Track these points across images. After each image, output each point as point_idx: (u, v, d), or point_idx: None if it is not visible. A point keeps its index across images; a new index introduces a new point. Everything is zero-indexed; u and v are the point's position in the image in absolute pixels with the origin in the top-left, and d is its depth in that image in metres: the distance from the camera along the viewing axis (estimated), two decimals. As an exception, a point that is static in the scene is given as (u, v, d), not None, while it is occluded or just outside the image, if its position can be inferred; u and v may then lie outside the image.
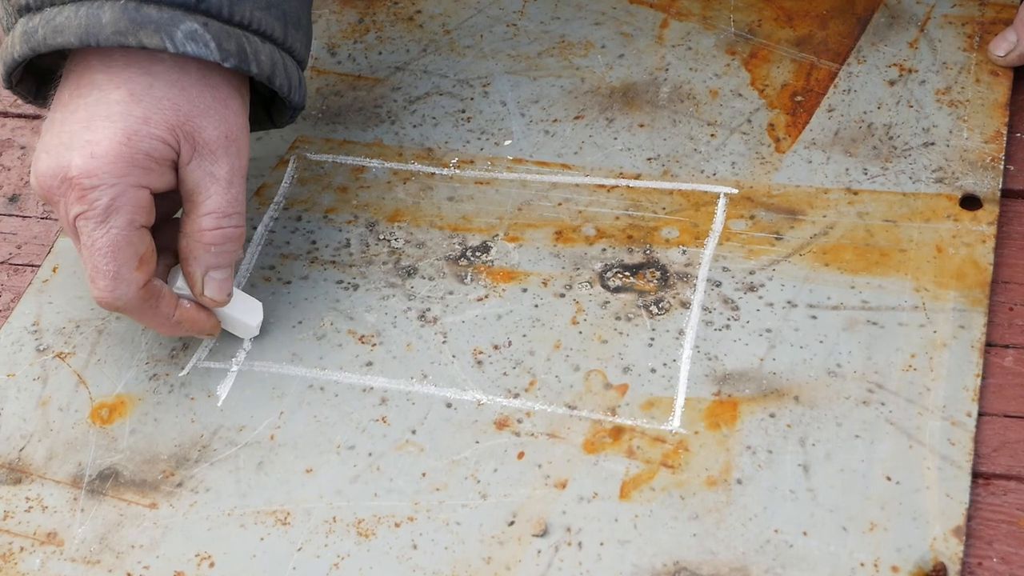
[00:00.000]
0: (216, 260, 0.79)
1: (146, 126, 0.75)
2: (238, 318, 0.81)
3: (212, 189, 0.77)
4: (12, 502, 0.77)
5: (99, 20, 0.74)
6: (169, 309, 0.79)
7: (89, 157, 0.75)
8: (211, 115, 0.77)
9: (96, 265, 0.76)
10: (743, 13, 0.95)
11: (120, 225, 0.75)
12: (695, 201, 0.85)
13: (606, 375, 0.78)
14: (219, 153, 0.77)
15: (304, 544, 0.73)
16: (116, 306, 0.77)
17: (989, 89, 0.88)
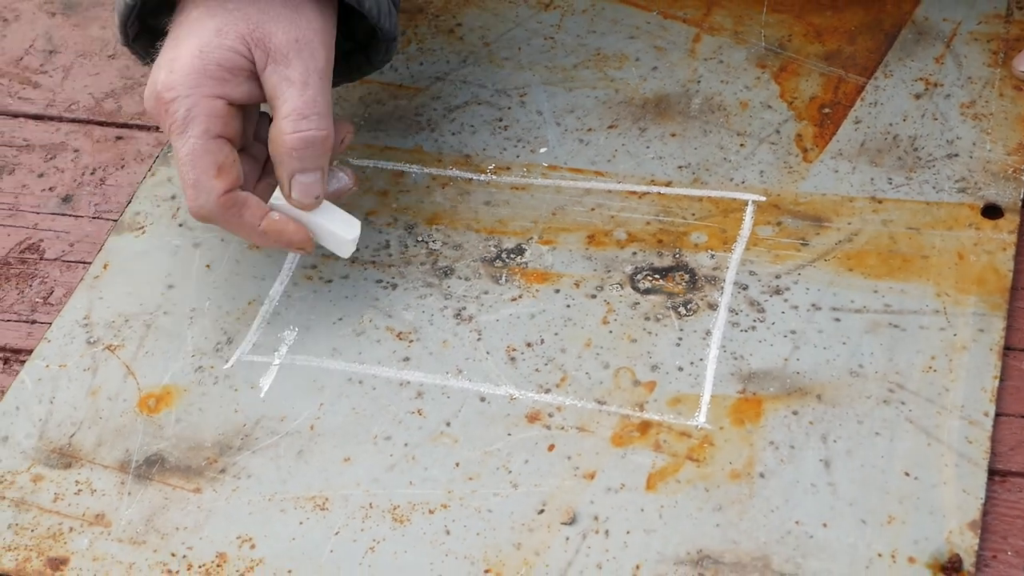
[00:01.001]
0: (300, 164, 0.81)
1: (218, 37, 0.79)
2: (333, 231, 0.83)
3: (288, 92, 0.80)
4: (63, 485, 0.80)
5: None
6: (255, 219, 0.81)
7: (169, 72, 0.79)
8: (281, 20, 0.79)
9: (182, 175, 0.80)
10: (774, 28, 0.98)
11: (196, 134, 0.79)
12: (724, 208, 0.88)
13: (635, 372, 0.81)
14: (291, 56, 0.79)
15: (341, 528, 0.76)
16: (200, 214, 0.80)
17: (1012, 103, 0.91)
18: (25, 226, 0.94)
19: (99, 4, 1.09)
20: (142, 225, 0.92)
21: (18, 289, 0.91)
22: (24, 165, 0.98)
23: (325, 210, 0.83)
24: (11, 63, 1.05)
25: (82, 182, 0.96)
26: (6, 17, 1.09)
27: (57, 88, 1.03)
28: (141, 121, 1.00)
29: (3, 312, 0.89)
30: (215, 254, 0.90)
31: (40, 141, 0.99)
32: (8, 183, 0.97)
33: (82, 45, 1.06)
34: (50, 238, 0.93)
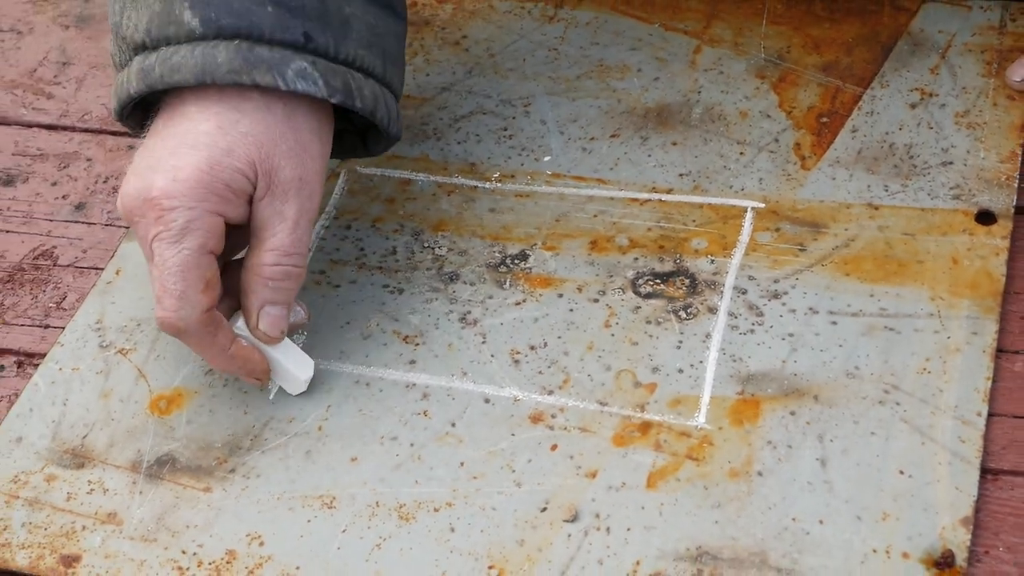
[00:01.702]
0: (273, 296, 0.81)
1: (228, 158, 0.79)
2: (289, 368, 0.83)
3: (279, 227, 0.80)
4: (75, 484, 0.82)
5: (215, 59, 0.78)
6: (226, 341, 0.81)
7: (171, 180, 0.78)
8: (290, 157, 0.80)
9: (164, 284, 0.79)
10: (773, 40, 1.00)
11: (192, 247, 0.78)
12: (723, 214, 0.90)
13: (636, 374, 0.83)
14: (291, 194, 0.80)
15: (348, 526, 0.78)
16: (178, 327, 0.79)
17: (1006, 112, 0.92)
18: (39, 233, 0.96)
19: (111, 17, 1.11)
20: (154, 232, 0.94)
21: (32, 294, 0.92)
22: (38, 174, 1.00)
23: (283, 346, 0.83)
24: (25, 74, 1.07)
25: (95, 190, 0.98)
26: (20, 30, 1.11)
27: (70, 99, 1.05)
28: (152, 131, 1.02)
29: (17, 317, 0.91)
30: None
31: (54, 150, 1.01)
32: (23, 191, 0.99)
33: (95, 57, 1.08)
34: (63, 245, 0.95)
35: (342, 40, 0.81)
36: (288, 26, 0.80)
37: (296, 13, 0.80)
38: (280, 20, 0.80)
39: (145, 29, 0.81)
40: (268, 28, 0.79)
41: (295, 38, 0.80)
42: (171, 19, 0.80)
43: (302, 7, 0.80)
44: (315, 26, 0.80)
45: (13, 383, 0.88)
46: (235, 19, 0.79)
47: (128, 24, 0.81)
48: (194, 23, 0.79)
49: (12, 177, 1.00)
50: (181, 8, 0.80)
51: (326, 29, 0.81)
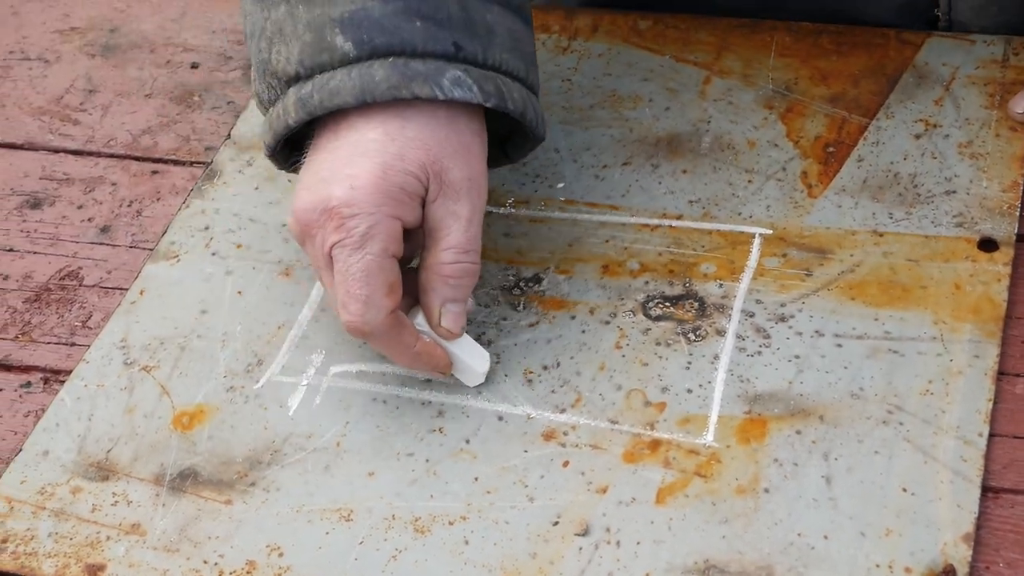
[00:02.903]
0: (453, 293, 0.84)
1: (400, 162, 0.81)
2: (467, 361, 0.85)
3: (454, 226, 0.83)
4: (100, 496, 0.84)
5: (372, 79, 0.81)
6: (411, 339, 0.83)
7: (349, 188, 0.80)
8: (456, 157, 0.83)
9: (349, 290, 0.81)
10: (781, 72, 1.02)
11: (375, 252, 0.80)
12: (732, 240, 0.92)
13: (646, 394, 0.85)
14: (462, 193, 0.83)
15: (365, 538, 0.80)
16: (364, 331, 0.82)
17: (1008, 143, 0.95)
18: (65, 255, 0.99)
19: (136, 47, 1.14)
20: (177, 254, 0.97)
21: (58, 313, 0.95)
22: (64, 197, 1.03)
23: (460, 340, 0.86)
24: (53, 102, 1.10)
25: (119, 213, 1.01)
26: (48, 59, 1.14)
27: (96, 125, 1.08)
28: (176, 157, 1.05)
29: (44, 335, 0.94)
30: (246, 281, 0.94)
31: (80, 175, 1.04)
32: (49, 214, 1.01)
33: (120, 85, 1.11)
34: (89, 266, 0.98)
35: (488, 47, 0.84)
36: (438, 38, 0.82)
37: (444, 25, 0.82)
38: (429, 33, 0.82)
39: (298, 60, 0.83)
40: (420, 42, 0.82)
41: (446, 49, 0.82)
42: (323, 47, 0.82)
43: (448, 18, 0.83)
44: (463, 35, 0.83)
45: (40, 399, 0.90)
46: (387, 37, 0.82)
47: (278, 59, 0.84)
48: (347, 47, 0.82)
49: (40, 200, 1.03)
50: (332, 35, 0.82)
51: (473, 37, 0.83)
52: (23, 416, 0.89)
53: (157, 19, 1.16)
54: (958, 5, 1.02)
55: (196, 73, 1.11)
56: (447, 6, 0.83)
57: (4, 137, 1.08)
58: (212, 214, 0.99)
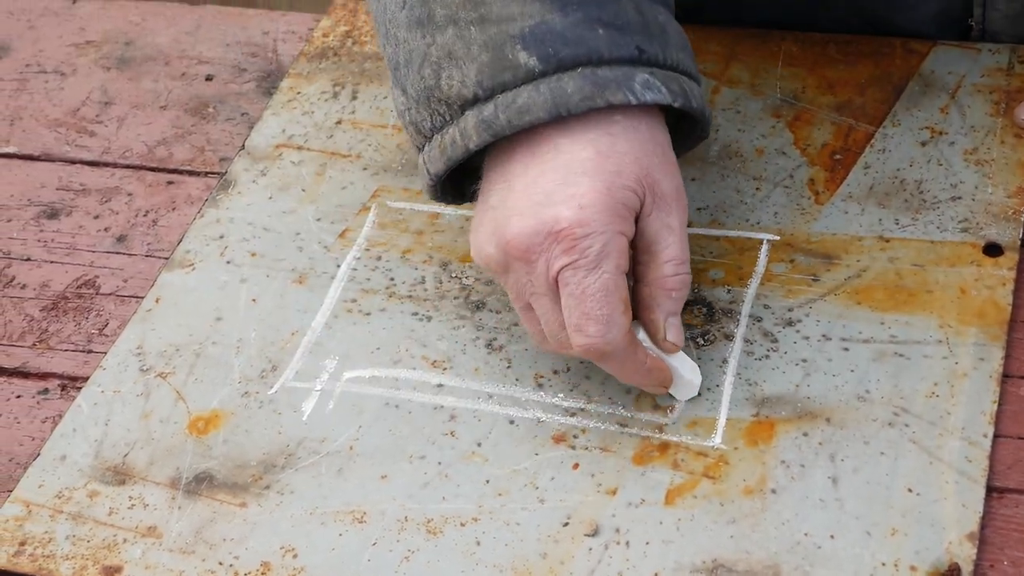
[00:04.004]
0: (675, 306, 0.83)
1: (620, 178, 0.80)
2: (684, 375, 0.85)
3: (669, 239, 0.82)
4: (117, 500, 0.85)
5: (564, 92, 0.80)
6: (644, 356, 0.83)
7: (578, 208, 0.79)
8: (665, 169, 0.82)
9: (587, 311, 0.80)
10: (788, 81, 1.04)
11: (611, 270, 0.79)
12: (740, 246, 0.93)
13: (655, 397, 0.86)
14: (673, 205, 0.82)
15: (378, 540, 0.81)
16: (605, 351, 0.81)
17: (1013, 150, 0.96)
18: (82, 264, 1.00)
19: (151, 59, 1.15)
20: (192, 262, 0.98)
21: (75, 321, 0.96)
22: (81, 208, 1.04)
23: (676, 355, 0.85)
24: (69, 113, 1.12)
25: (135, 223, 1.02)
26: (64, 71, 1.15)
27: (112, 137, 1.09)
28: (191, 167, 1.06)
29: (61, 342, 0.95)
30: (260, 289, 0.96)
31: (96, 185, 1.06)
32: (66, 224, 1.03)
33: (135, 97, 1.12)
34: (105, 275, 0.99)
35: (666, 47, 0.83)
36: (622, 44, 0.81)
37: (625, 30, 0.82)
38: (613, 39, 0.81)
39: (475, 82, 0.81)
40: (605, 50, 0.81)
41: (631, 53, 0.81)
42: (505, 65, 0.81)
43: (628, 23, 0.82)
44: (643, 39, 0.82)
45: (57, 405, 0.91)
46: (573, 49, 0.81)
47: (450, 84, 0.82)
48: (531, 62, 0.80)
49: (57, 211, 1.04)
50: (514, 52, 0.81)
51: (651, 40, 0.83)
52: (41, 422, 0.91)
53: (172, 32, 1.18)
54: (991, 15, 1.04)
55: (210, 85, 1.13)
56: (625, 11, 0.82)
57: (22, 149, 1.09)
58: (227, 223, 1.00)
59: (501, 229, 0.81)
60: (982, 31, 1.04)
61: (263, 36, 1.16)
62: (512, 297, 0.84)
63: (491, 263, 0.83)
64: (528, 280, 0.82)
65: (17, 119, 1.12)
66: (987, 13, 1.03)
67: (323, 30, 1.14)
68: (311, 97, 1.09)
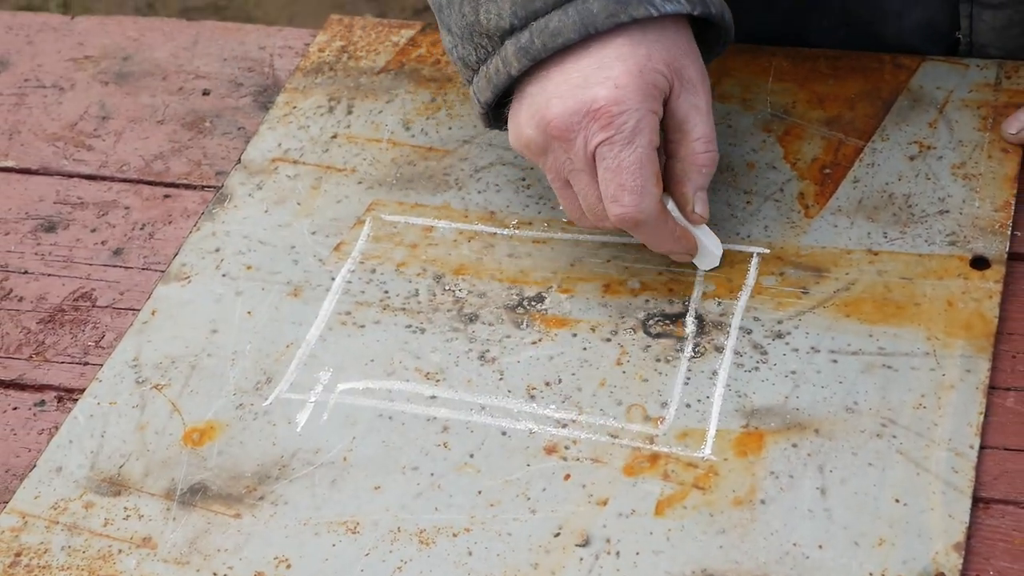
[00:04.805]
0: (704, 180, 0.91)
1: (650, 61, 0.87)
2: (707, 245, 0.92)
3: (698, 119, 0.89)
4: (112, 511, 0.86)
5: (590, 12, 0.86)
6: (674, 225, 0.91)
7: (613, 88, 0.86)
8: (689, 56, 0.89)
9: (622, 183, 0.87)
10: (779, 96, 1.05)
11: (644, 144, 0.87)
12: (730, 259, 0.94)
13: (646, 409, 0.87)
14: (699, 88, 0.89)
15: (371, 550, 0.82)
16: (639, 219, 0.88)
17: (1000, 164, 0.97)
18: (79, 276, 1.01)
19: (149, 74, 1.16)
20: (188, 275, 0.99)
21: (72, 334, 0.97)
22: (78, 221, 1.05)
23: (702, 227, 0.93)
24: (67, 128, 1.13)
25: (132, 236, 1.03)
26: (62, 86, 1.16)
27: (109, 151, 1.10)
28: (187, 181, 1.07)
29: (58, 354, 0.96)
30: (256, 302, 0.96)
31: (93, 199, 1.07)
32: (64, 237, 1.04)
33: (133, 112, 1.13)
34: (102, 287, 1.00)
35: None
36: None
37: None
38: None
39: (511, 13, 0.88)
40: None
41: None
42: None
43: None
44: None
45: (53, 416, 0.92)
46: None
47: (488, 18, 0.89)
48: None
49: (54, 224, 1.05)
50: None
51: None
52: (37, 433, 0.91)
53: (169, 47, 1.19)
54: (978, 26, 1.05)
55: (207, 100, 1.14)
56: None
57: (20, 162, 1.10)
58: (223, 236, 1.01)
59: (541, 111, 0.88)
60: (970, 43, 1.06)
61: (259, 51, 1.17)
62: (551, 177, 0.91)
63: (531, 145, 0.90)
64: (567, 158, 0.88)
65: (15, 133, 1.13)
66: (974, 25, 1.04)
67: (319, 45, 1.16)
68: (307, 111, 1.10)
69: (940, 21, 1.05)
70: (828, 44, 1.08)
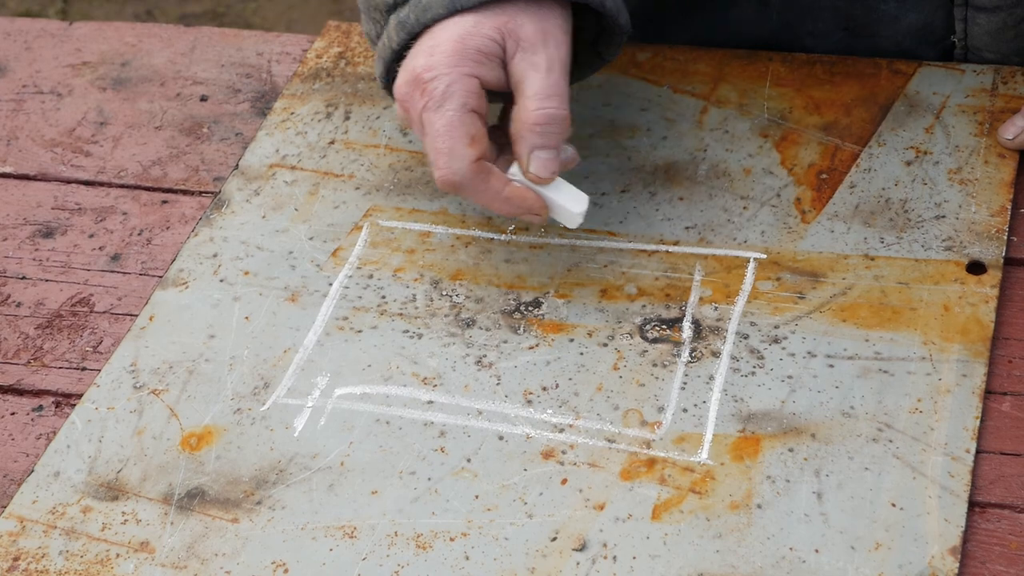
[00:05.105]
0: (539, 140, 0.90)
1: (476, 27, 0.90)
2: (563, 204, 0.92)
3: (533, 76, 0.90)
4: (110, 516, 0.86)
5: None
6: (499, 185, 0.90)
7: (428, 56, 0.89)
8: (529, 15, 0.90)
9: (435, 147, 0.89)
10: (776, 101, 1.05)
11: (454, 107, 0.89)
12: (727, 265, 0.94)
13: (643, 414, 0.87)
14: (537, 46, 0.90)
15: (368, 554, 0.82)
16: (453, 181, 0.90)
17: (996, 169, 0.97)
18: (77, 282, 1.01)
19: (147, 80, 1.17)
20: (185, 281, 0.99)
21: (70, 339, 0.97)
22: (76, 226, 1.05)
23: (556, 185, 0.92)
24: (65, 134, 1.13)
25: (130, 242, 1.03)
26: (60, 92, 1.17)
27: (107, 156, 1.10)
28: (185, 187, 1.07)
29: (56, 360, 0.96)
30: (253, 307, 0.97)
31: (91, 205, 1.07)
32: (61, 243, 1.04)
33: (131, 117, 1.14)
34: (100, 293, 1.00)
35: None
36: None
37: None
38: None
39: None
40: None
41: None
42: None
43: None
44: None
45: (51, 422, 0.92)
46: None
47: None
48: None
49: (52, 229, 1.05)
50: None
51: None
52: (35, 438, 0.92)
53: (167, 53, 1.19)
54: (973, 29, 1.05)
55: (205, 106, 1.14)
56: None
57: (18, 168, 1.11)
58: (220, 242, 1.01)
59: (396, 85, 0.92)
60: (965, 47, 1.06)
61: (257, 57, 1.18)
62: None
63: (401, 118, 0.93)
64: (414, 128, 0.92)
65: (14, 139, 1.13)
66: (969, 28, 1.05)
67: (317, 51, 1.16)
68: (304, 117, 1.10)
69: (935, 25, 1.06)
70: (823, 49, 1.08)
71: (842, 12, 1.07)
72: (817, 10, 1.08)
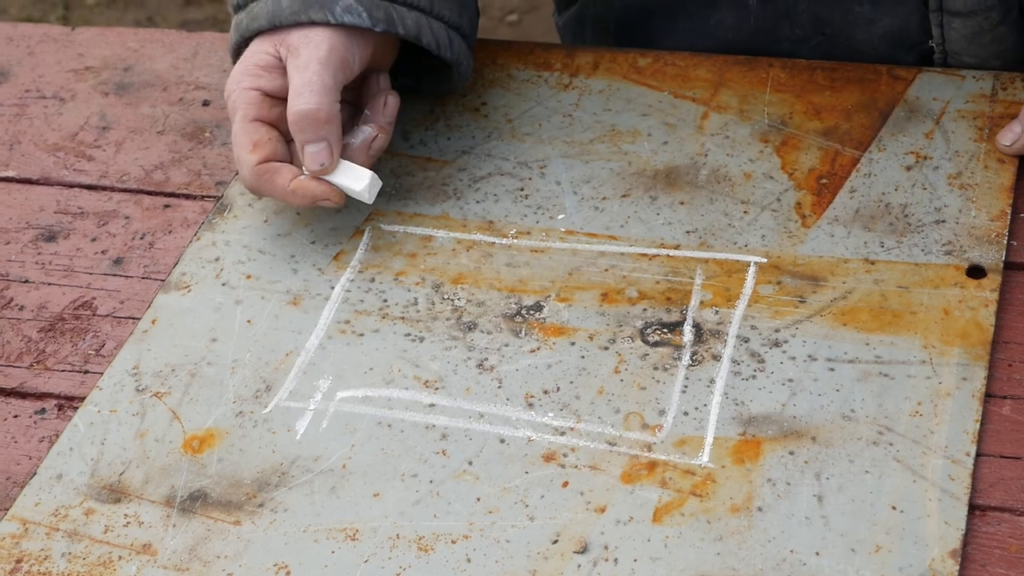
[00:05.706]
0: (300, 135, 0.97)
1: (259, 45, 0.99)
2: (347, 185, 0.98)
3: (293, 76, 0.97)
4: (112, 518, 0.86)
5: (280, 6, 0.98)
6: (285, 182, 0.97)
7: (225, 75, 0.99)
8: (303, 27, 0.97)
9: (234, 158, 0.98)
10: (776, 107, 1.05)
11: (239, 119, 0.97)
12: (728, 269, 0.95)
13: (644, 417, 0.87)
14: (300, 48, 0.97)
15: (370, 557, 0.82)
16: (247, 185, 0.98)
17: (996, 174, 0.98)
18: (79, 285, 1.01)
19: (149, 85, 1.17)
20: (188, 284, 0.99)
21: (72, 342, 0.98)
22: (79, 230, 1.05)
23: (340, 169, 0.98)
24: (68, 138, 1.13)
25: (132, 246, 1.04)
26: (63, 97, 1.17)
27: (110, 161, 1.11)
28: (187, 191, 1.07)
29: (58, 363, 0.96)
30: (255, 310, 0.97)
31: (94, 209, 1.07)
32: (64, 246, 1.04)
33: (133, 122, 1.14)
34: (102, 296, 1.00)
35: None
36: None
37: None
38: None
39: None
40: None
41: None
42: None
43: None
44: None
45: (54, 424, 0.93)
46: None
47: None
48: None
49: (55, 233, 1.05)
50: None
51: None
52: (38, 441, 0.92)
53: (170, 58, 1.19)
54: (951, 35, 1.06)
55: (207, 110, 1.14)
56: None
57: (21, 172, 1.11)
58: (222, 246, 1.02)
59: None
60: (944, 51, 1.06)
61: (259, 62, 1.18)
62: None
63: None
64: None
65: (16, 143, 1.13)
66: (945, 33, 1.05)
67: (318, 56, 1.16)
68: (306, 122, 1.10)
69: (911, 29, 1.06)
70: (801, 53, 1.09)
71: (817, 18, 1.08)
72: (793, 17, 1.09)
